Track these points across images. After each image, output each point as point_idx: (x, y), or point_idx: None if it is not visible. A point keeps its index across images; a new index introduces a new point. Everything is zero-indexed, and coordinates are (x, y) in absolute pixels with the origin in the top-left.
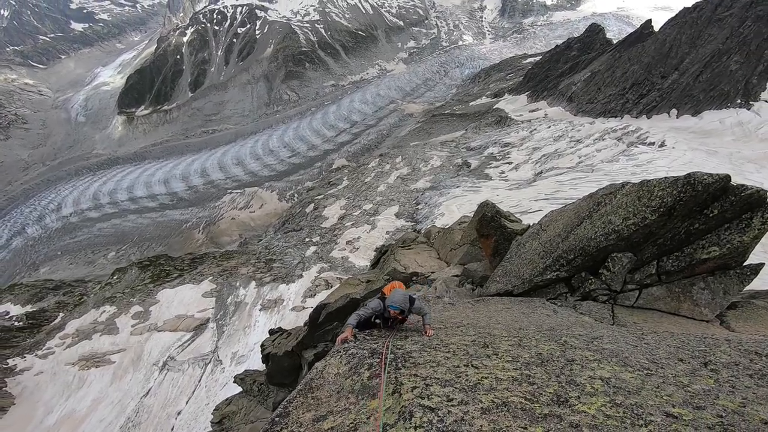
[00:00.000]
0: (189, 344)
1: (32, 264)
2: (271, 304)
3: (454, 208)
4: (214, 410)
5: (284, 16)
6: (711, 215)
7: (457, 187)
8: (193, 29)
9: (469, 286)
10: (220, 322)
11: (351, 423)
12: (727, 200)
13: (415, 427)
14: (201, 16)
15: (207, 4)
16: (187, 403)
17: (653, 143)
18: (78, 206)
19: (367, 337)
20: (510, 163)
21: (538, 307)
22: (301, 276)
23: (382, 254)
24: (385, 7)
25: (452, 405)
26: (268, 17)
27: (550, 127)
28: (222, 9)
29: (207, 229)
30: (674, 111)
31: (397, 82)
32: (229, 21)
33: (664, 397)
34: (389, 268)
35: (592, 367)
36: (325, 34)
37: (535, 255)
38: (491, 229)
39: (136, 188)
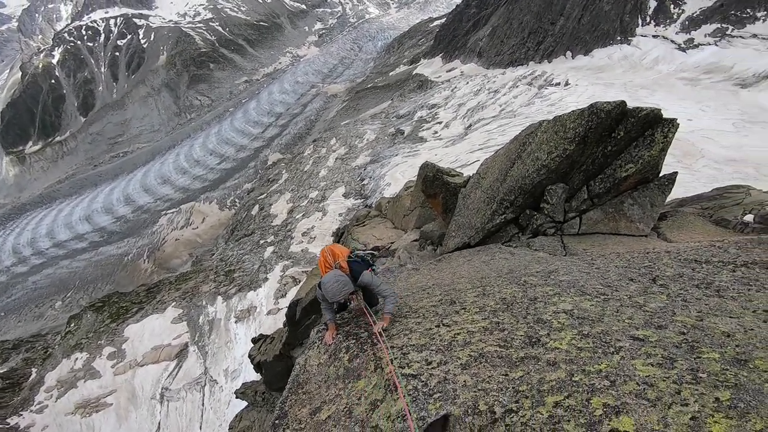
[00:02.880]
0: (177, 372)
1: None
2: (245, 314)
3: (398, 175)
4: (229, 429)
5: (170, 21)
6: (619, 137)
7: (396, 155)
8: (61, 49)
9: (429, 247)
10: (200, 344)
11: (345, 408)
12: (629, 122)
13: (403, 396)
14: (66, 34)
15: (70, 21)
16: (201, 428)
17: (559, 83)
18: (1, 264)
19: (338, 322)
20: (440, 123)
21: (496, 252)
22: (266, 279)
23: (339, 237)
24: None
25: (432, 368)
26: (150, 24)
27: (468, 83)
28: (91, 24)
29: (152, 256)
30: (569, 53)
31: (313, 66)
32: (103, 35)
33: (626, 321)
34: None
35: (554, 301)
36: (223, 31)
37: (480, 203)
38: (436, 187)
39: (58, 232)
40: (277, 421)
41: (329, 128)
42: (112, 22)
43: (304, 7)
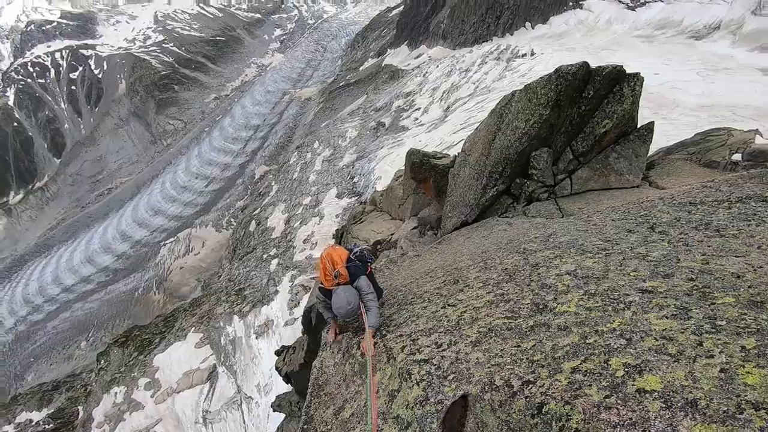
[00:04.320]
0: (212, 394)
1: (15, 376)
2: (263, 329)
3: (387, 167)
4: None
5: (120, 47)
6: (589, 96)
7: (382, 147)
8: (13, 89)
9: (430, 232)
10: (227, 364)
11: (364, 403)
12: (595, 81)
13: (417, 383)
14: (14, 73)
15: (13, 60)
16: None
17: (525, 54)
18: (16, 315)
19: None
20: (419, 109)
21: (494, 225)
22: (276, 292)
23: (340, 238)
24: (233, 6)
25: (443, 350)
26: (99, 54)
27: (438, 66)
28: (36, 60)
29: (161, 287)
30: (528, 24)
31: (281, 72)
32: (53, 70)
33: (631, 274)
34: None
35: (556, 264)
36: (180, 51)
37: (471, 180)
38: (425, 172)
39: (64, 278)
40: (305, 426)
41: (310, 132)
42: (57, 55)
43: (258, 15)
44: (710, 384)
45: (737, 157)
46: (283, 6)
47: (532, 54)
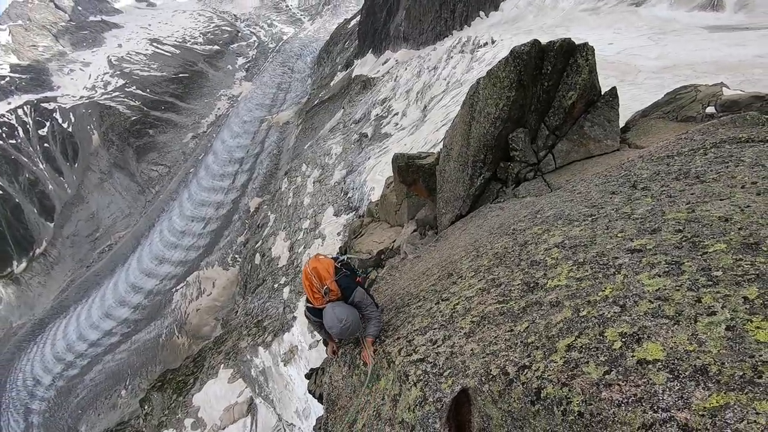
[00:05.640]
0: (256, 426)
1: (69, 429)
2: (290, 355)
3: (378, 176)
4: None
5: (82, 97)
6: (548, 72)
7: (369, 158)
8: None
9: (430, 232)
10: (262, 395)
11: (374, 411)
12: (550, 56)
13: (414, 384)
14: None
15: None
16: None
17: (487, 43)
18: (51, 372)
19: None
20: (397, 114)
21: (487, 213)
22: (294, 318)
23: (344, 254)
24: (189, 41)
25: (438, 346)
26: (63, 105)
27: (406, 68)
28: (0, 120)
29: (182, 330)
30: (482, 13)
31: (254, 100)
32: (20, 128)
33: (618, 236)
34: (355, 261)
35: (544, 239)
36: (145, 93)
37: (457, 173)
38: (412, 174)
39: (88, 334)
40: None
41: (295, 156)
42: (20, 111)
43: (217, 47)
44: (718, 346)
45: (711, 110)
46: (240, 34)
47: (493, 42)
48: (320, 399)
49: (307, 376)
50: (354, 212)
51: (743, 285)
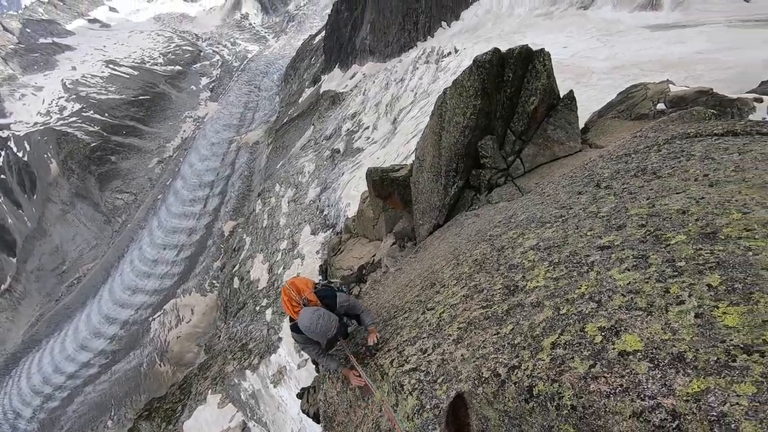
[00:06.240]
0: None
1: None
2: (279, 377)
3: (353, 192)
4: None
5: (37, 123)
6: (509, 78)
7: (342, 174)
8: None
9: (409, 244)
10: (255, 418)
11: (373, 424)
12: (510, 63)
13: (410, 393)
14: None
15: None
16: None
17: (450, 53)
18: (31, 405)
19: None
20: (368, 128)
21: (464, 221)
22: (280, 339)
23: (325, 273)
24: (148, 62)
25: (429, 355)
26: (17, 133)
27: (374, 82)
28: None
29: (164, 358)
30: (444, 23)
31: (221, 121)
32: None
33: (588, 234)
34: (336, 279)
35: (519, 242)
36: (104, 118)
37: (431, 183)
38: (387, 187)
39: (64, 366)
40: None
41: (268, 176)
42: None
43: (179, 67)
44: (690, 333)
45: (661, 106)
46: (202, 53)
47: (456, 51)
48: (315, 417)
49: (299, 396)
50: (331, 229)
51: (705, 273)
